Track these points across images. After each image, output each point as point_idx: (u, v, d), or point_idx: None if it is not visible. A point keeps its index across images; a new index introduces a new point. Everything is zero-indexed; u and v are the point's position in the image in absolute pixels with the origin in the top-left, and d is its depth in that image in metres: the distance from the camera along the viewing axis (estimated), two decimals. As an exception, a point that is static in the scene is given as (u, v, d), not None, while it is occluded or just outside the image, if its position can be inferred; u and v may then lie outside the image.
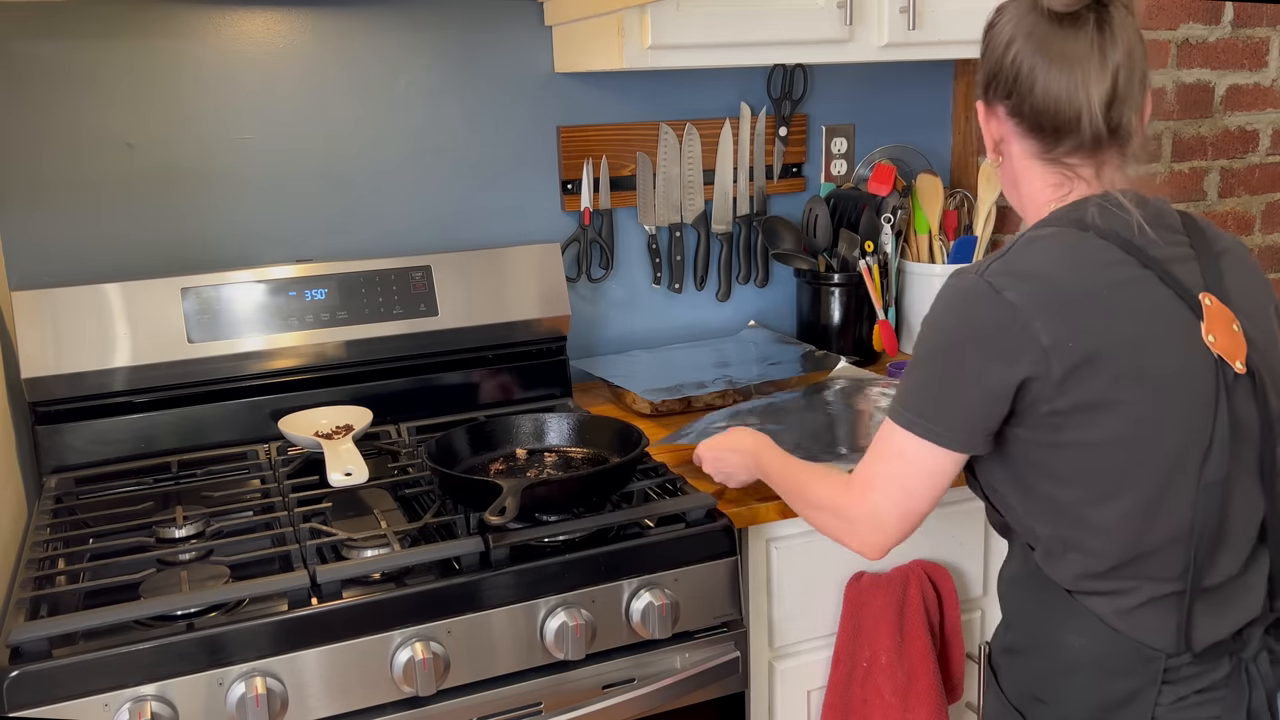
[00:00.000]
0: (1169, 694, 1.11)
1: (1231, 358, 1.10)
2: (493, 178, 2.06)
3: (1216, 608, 1.13)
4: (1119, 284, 1.09)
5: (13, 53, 1.73)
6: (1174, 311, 1.10)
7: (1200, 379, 1.09)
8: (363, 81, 1.94)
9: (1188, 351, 1.09)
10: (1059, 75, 1.10)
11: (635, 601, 1.42)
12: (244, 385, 1.80)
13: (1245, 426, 1.11)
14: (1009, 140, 1.18)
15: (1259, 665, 1.14)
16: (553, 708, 1.39)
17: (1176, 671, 1.12)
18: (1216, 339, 1.10)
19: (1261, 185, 2.26)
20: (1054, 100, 1.11)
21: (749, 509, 1.54)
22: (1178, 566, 1.11)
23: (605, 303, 2.19)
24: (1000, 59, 1.14)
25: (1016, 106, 1.14)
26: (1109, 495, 1.10)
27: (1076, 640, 1.14)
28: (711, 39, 1.78)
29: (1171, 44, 2.08)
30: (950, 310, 1.12)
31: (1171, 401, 1.08)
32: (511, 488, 1.39)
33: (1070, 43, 1.10)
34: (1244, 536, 1.14)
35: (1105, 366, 1.06)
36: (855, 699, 1.61)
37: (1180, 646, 1.11)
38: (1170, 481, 1.09)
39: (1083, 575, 1.13)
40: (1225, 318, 1.11)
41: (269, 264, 1.85)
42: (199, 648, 1.23)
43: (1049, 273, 1.08)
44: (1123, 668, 1.12)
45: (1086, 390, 1.06)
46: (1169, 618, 1.11)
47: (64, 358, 1.68)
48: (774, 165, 2.24)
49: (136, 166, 1.82)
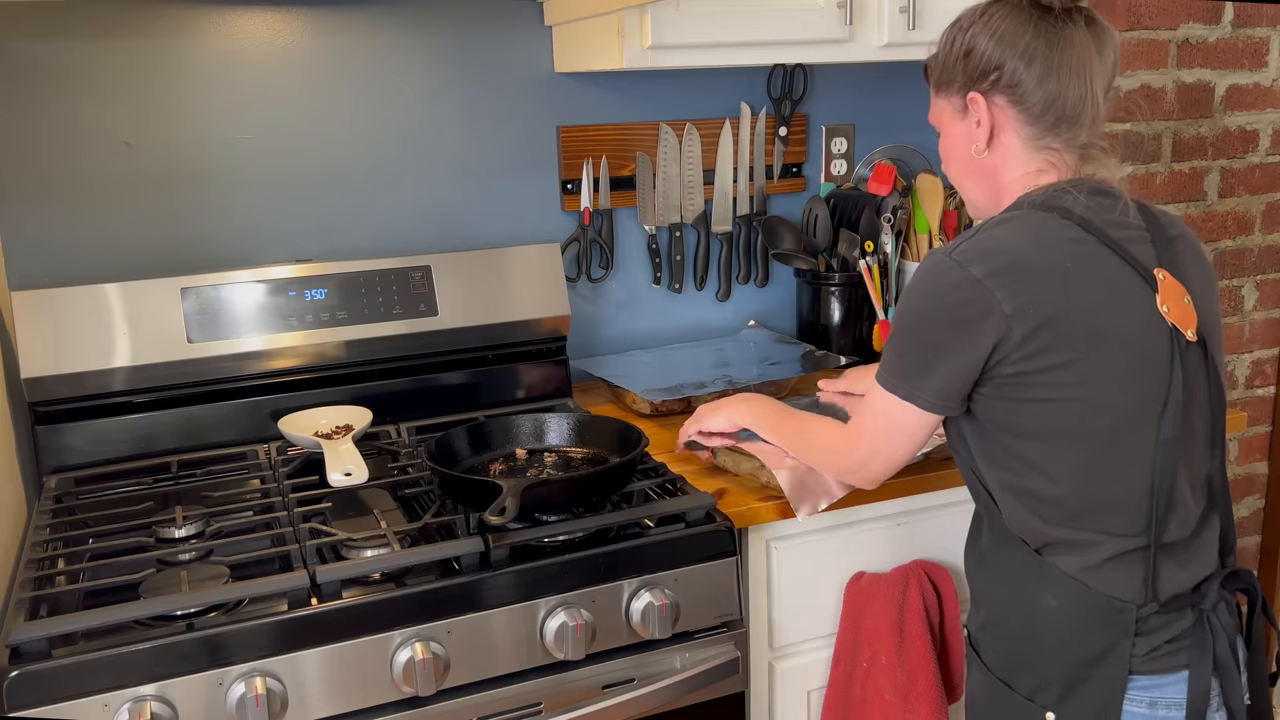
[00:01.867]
0: (1142, 645, 1.19)
1: (1184, 326, 1.19)
2: (493, 177, 2.06)
3: (1176, 561, 1.20)
4: (1078, 257, 1.17)
5: (12, 53, 1.73)
6: (1130, 282, 1.18)
7: (1156, 343, 1.17)
8: (362, 81, 1.94)
9: (1144, 318, 1.18)
10: (1068, 68, 1.19)
11: (635, 601, 1.42)
12: (244, 385, 1.80)
13: (1196, 391, 1.20)
14: (1004, 128, 1.24)
15: (1219, 615, 1.22)
16: (553, 708, 1.39)
17: (1146, 622, 1.19)
18: (1170, 309, 1.18)
19: (1261, 185, 2.26)
20: (1063, 92, 1.20)
21: (749, 509, 1.54)
22: (1140, 522, 1.18)
23: (605, 303, 2.19)
24: (1000, 56, 1.21)
25: (1023, 97, 1.21)
26: (1067, 449, 1.17)
27: (1050, 600, 1.21)
28: (711, 39, 1.78)
29: (1171, 44, 2.08)
30: (923, 286, 1.21)
31: (1129, 362, 1.16)
32: (511, 488, 1.38)
33: (1071, 37, 1.19)
34: (1194, 497, 1.22)
35: (1065, 330, 1.15)
36: (855, 699, 1.61)
37: (1148, 596, 1.18)
38: (1127, 438, 1.17)
39: (1045, 530, 1.20)
40: (1178, 291, 1.20)
41: (269, 264, 1.85)
42: (199, 648, 1.23)
43: (1011, 248, 1.17)
44: (1096, 621, 1.19)
45: (1048, 352, 1.15)
46: (1135, 571, 1.19)
47: (64, 358, 1.68)
48: (774, 165, 2.24)
49: (136, 166, 1.82)
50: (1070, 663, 1.21)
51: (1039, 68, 1.19)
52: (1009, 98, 1.22)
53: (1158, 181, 2.13)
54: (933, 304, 1.20)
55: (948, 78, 1.28)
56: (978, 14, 1.24)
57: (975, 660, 1.33)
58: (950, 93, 1.28)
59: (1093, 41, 1.20)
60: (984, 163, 1.27)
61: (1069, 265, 1.16)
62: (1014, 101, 1.22)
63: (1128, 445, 1.17)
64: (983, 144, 1.26)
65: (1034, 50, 1.19)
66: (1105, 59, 1.21)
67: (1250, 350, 2.36)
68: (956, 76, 1.26)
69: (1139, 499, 1.18)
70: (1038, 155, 1.24)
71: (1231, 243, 2.26)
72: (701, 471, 1.66)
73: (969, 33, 1.24)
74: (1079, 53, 1.19)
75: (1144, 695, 1.20)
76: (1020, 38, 1.20)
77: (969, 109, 1.26)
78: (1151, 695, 1.20)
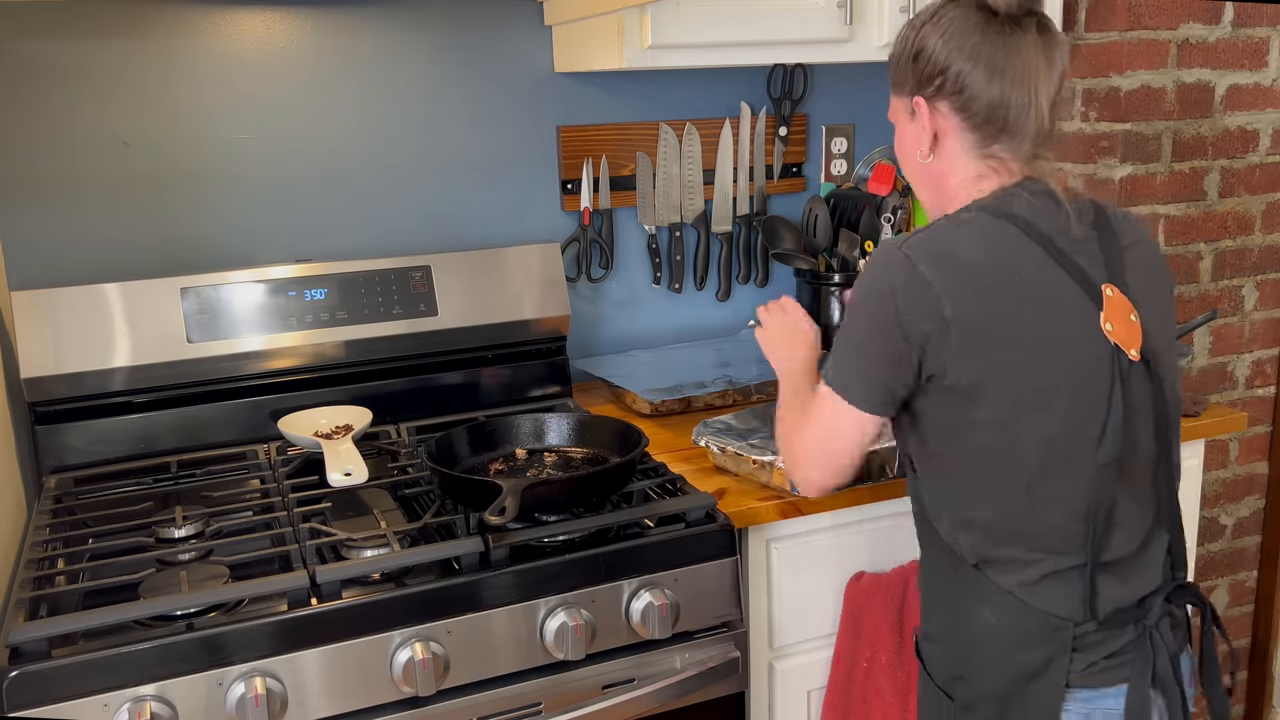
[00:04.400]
0: (1080, 661, 1.18)
1: (1127, 345, 1.17)
2: (492, 177, 2.06)
3: (1119, 578, 1.20)
4: (1026, 271, 1.15)
5: (10, 53, 1.73)
6: (1075, 300, 1.16)
7: (1096, 366, 1.16)
8: (362, 81, 1.94)
9: (1086, 340, 1.16)
10: (1013, 75, 1.17)
11: (635, 601, 1.42)
12: (244, 385, 1.80)
13: (1139, 411, 1.18)
14: (948, 135, 1.22)
15: (1161, 632, 1.20)
16: (553, 708, 1.39)
17: (1084, 639, 1.18)
18: (1114, 327, 1.17)
19: (1261, 185, 2.26)
20: (1006, 100, 1.17)
21: (749, 509, 1.54)
22: (1077, 542, 1.17)
23: (605, 303, 2.19)
24: (946, 60, 1.18)
25: (966, 103, 1.19)
26: (1000, 473, 1.17)
27: (988, 615, 1.20)
28: (711, 39, 1.77)
29: (1171, 44, 2.08)
30: (871, 276, 1.19)
31: (1066, 387, 1.15)
32: (511, 488, 1.38)
33: (1019, 45, 1.16)
34: (1139, 514, 1.21)
35: (1004, 348, 1.14)
36: (855, 699, 1.61)
37: (1085, 615, 1.18)
38: (1060, 464, 1.15)
39: (981, 548, 1.20)
40: (1124, 308, 1.18)
41: (268, 264, 1.85)
42: (199, 648, 1.23)
43: (962, 254, 1.15)
44: (1033, 638, 1.18)
45: (985, 368, 1.14)
46: (1073, 589, 1.18)
47: (63, 358, 1.68)
48: (774, 165, 2.24)
49: (135, 166, 1.82)
50: (1007, 678, 1.20)
51: (983, 73, 1.17)
52: (952, 104, 1.20)
53: (1158, 181, 2.13)
54: (878, 295, 1.17)
55: (900, 78, 1.26)
56: (930, 12, 1.22)
57: (921, 668, 1.33)
58: (902, 93, 1.26)
59: (1042, 51, 1.18)
60: (930, 167, 1.26)
61: (1016, 279, 1.15)
62: (957, 109, 1.20)
63: (1062, 471, 1.16)
64: (925, 149, 1.25)
65: (979, 54, 1.17)
66: (1054, 68, 1.19)
67: (1250, 350, 2.35)
68: (907, 77, 1.24)
69: (1074, 522, 1.17)
70: (984, 161, 1.22)
71: (1231, 243, 2.26)
72: (701, 471, 1.66)
73: (920, 32, 1.22)
74: (1026, 60, 1.17)
75: (1081, 708, 1.19)
76: (967, 40, 1.17)
77: (916, 112, 1.24)
78: (1088, 708, 1.19)
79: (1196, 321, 1.80)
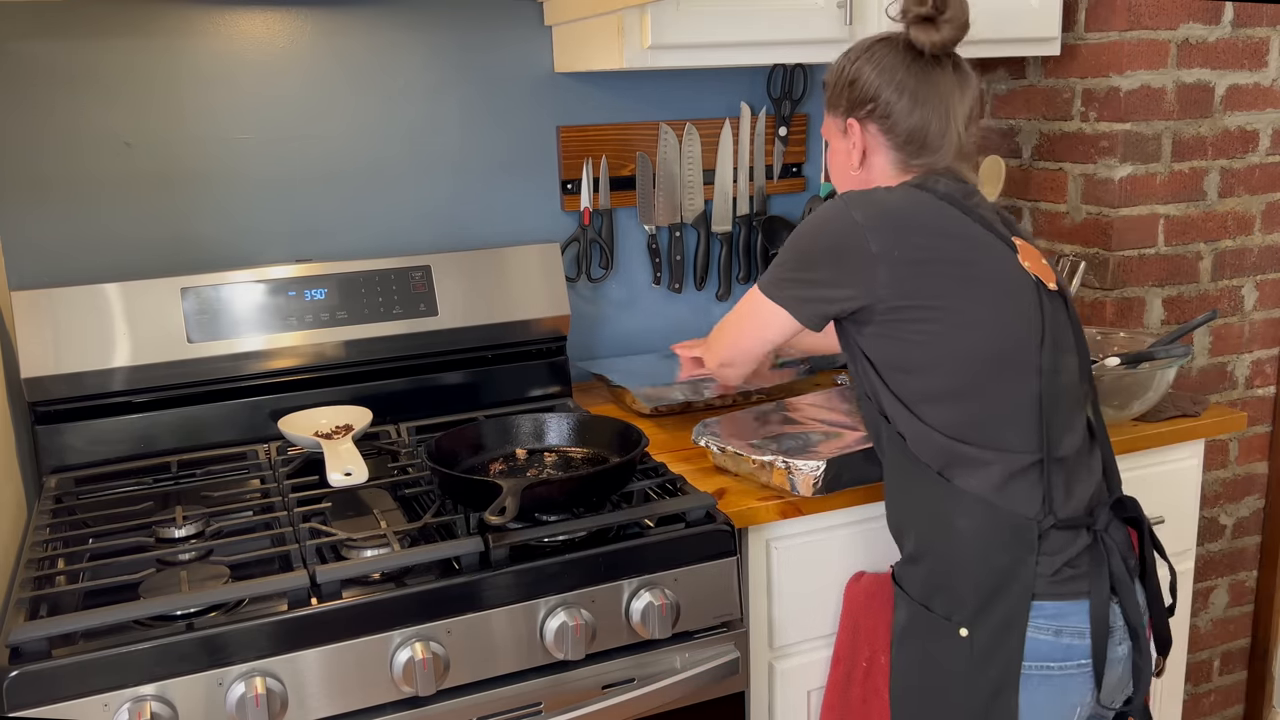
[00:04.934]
0: (1045, 564, 1.31)
1: (1045, 279, 1.37)
2: (492, 177, 2.06)
3: (1069, 482, 1.35)
4: (945, 217, 1.34)
5: (12, 53, 1.73)
6: (990, 240, 1.35)
7: (1024, 289, 1.34)
8: (362, 81, 1.94)
9: (1009, 266, 1.34)
10: (932, 105, 1.38)
11: (635, 601, 1.42)
12: (244, 385, 1.80)
13: (1061, 336, 1.37)
14: (876, 152, 1.43)
15: (1111, 535, 1.35)
16: (553, 708, 1.39)
17: (1047, 539, 1.32)
18: (1031, 265, 1.36)
19: (1261, 185, 2.26)
20: (926, 125, 1.38)
21: (749, 509, 1.54)
22: (1033, 440, 1.32)
23: (605, 303, 2.19)
24: (876, 89, 1.39)
25: (892, 126, 1.40)
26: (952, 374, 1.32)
27: (961, 521, 1.34)
28: (711, 39, 1.78)
29: (1171, 44, 2.08)
30: (813, 219, 1.40)
31: (1000, 297, 1.32)
32: (511, 488, 1.38)
33: (938, 79, 1.38)
34: (1078, 426, 1.37)
35: (934, 271, 1.31)
36: (855, 699, 1.61)
37: (1045, 511, 1.32)
38: (1009, 364, 1.32)
39: (948, 450, 1.33)
40: (1034, 253, 1.39)
41: (269, 264, 1.85)
42: (199, 648, 1.23)
43: (889, 204, 1.35)
44: (1003, 539, 1.32)
45: (920, 291, 1.31)
46: (1033, 490, 1.32)
47: (63, 358, 1.68)
48: (774, 165, 2.24)
49: (136, 166, 1.82)
50: (982, 581, 1.32)
51: (907, 101, 1.38)
52: (880, 126, 1.40)
53: (1157, 181, 2.13)
54: (815, 233, 1.38)
55: (835, 100, 1.45)
56: (864, 48, 1.42)
57: (900, 595, 1.44)
58: (836, 114, 1.46)
59: (957, 85, 1.39)
60: (858, 177, 1.46)
61: (937, 222, 1.33)
62: (884, 130, 1.40)
63: (1011, 370, 1.32)
64: (856, 163, 1.45)
65: (905, 86, 1.38)
66: (966, 99, 1.40)
67: (1250, 350, 2.36)
68: (842, 101, 1.44)
69: (1028, 420, 1.32)
70: (909, 173, 1.42)
71: (1231, 243, 2.26)
72: (701, 471, 1.66)
73: (856, 64, 1.42)
74: (943, 92, 1.38)
75: (1050, 624, 1.31)
76: (895, 74, 1.38)
77: (848, 131, 1.44)
78: (1057, 624, 1.31)
79: (1196, 321, 1.81)
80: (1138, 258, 2.16)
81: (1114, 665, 1.34)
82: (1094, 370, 1.77)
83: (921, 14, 1.36)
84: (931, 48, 1.37)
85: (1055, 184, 2.23)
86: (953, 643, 1.35)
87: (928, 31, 1.36)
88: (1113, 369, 1.75)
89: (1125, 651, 1.36)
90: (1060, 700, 1.33)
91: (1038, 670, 1.31)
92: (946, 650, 1.36)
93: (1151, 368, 1.75)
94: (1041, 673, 1.32)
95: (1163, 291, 2.21)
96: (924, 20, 1.36)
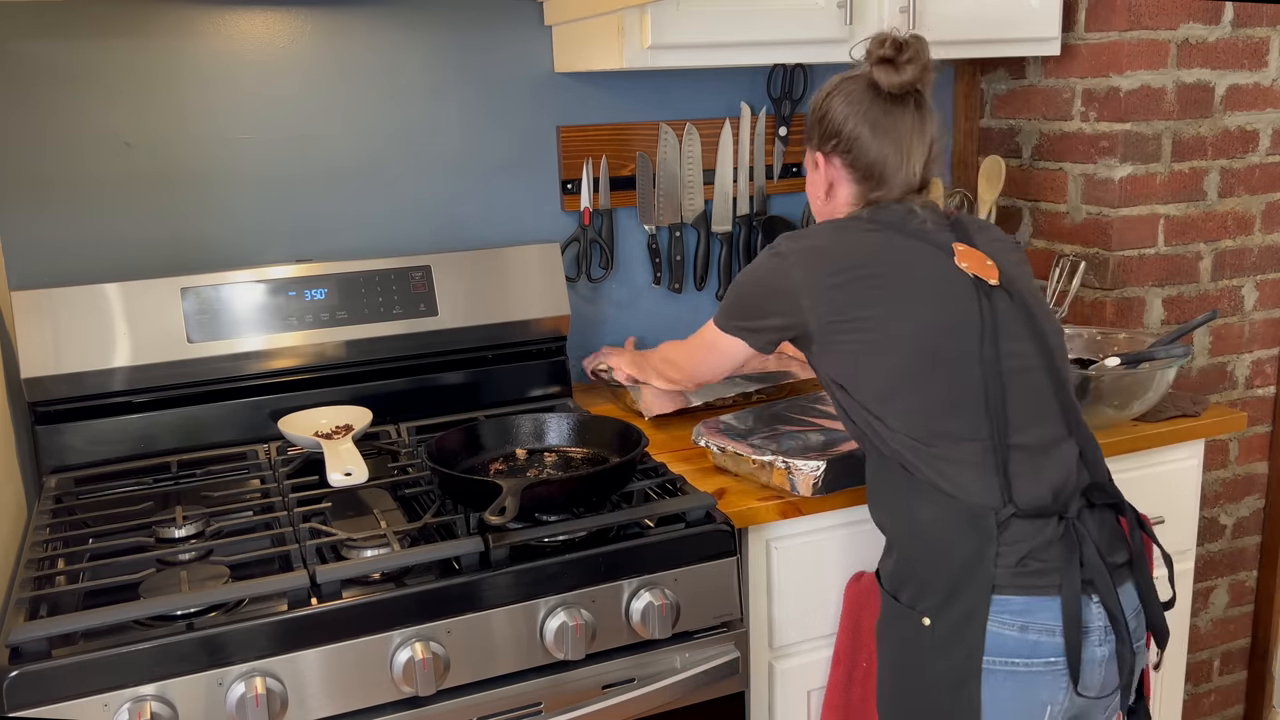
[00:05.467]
0: (1008, 554, 1.31)
1: (986, 276, 1.39)
2: (492, 177, 2.06)
3: (1030, 468, 1.34)
4: (873, 242, 1.41)
5: (12, 53, 1.73)
6: (924, 250, 1.40)
7: (955, 286, 1.38)
8: (363, 81, 1.94)
9: (937, 269, 1.39)
10: (891, 142, 1.43)
11: (635, 601, 1.42)
12: (244, 385, 1.80)
13: (1011, 324, 1.38)
14: (839, 184, 1.49)
15: (1084, 521, 1.34)
16: (553, 708, 1.39)
17: (1008, 528, 1.31)
18: (969, 265, 1.39)
19: (1261, 185, 2.26)
20: (884, 160, 1.44)
21: (749, 509, 1.54)
22: (983, 430, 1.34)
23: (605, 303, 2.19)
24: (841, 125, 1.45)
25: (853, 161, 1.46)
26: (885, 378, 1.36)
27: (925, 512, 1.36)
28: (711, 39, 1.78)
29: (1171, 44, 2.08)
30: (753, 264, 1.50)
31: (928, 294, 1.37)
32: (511, 488, 1.38)
33: (899, 118, 1.43)
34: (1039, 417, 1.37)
35: (856, 289, 1.38)
36: (855, 699, 1.61)
37: (1003, 500, 1.32)
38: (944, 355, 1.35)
39: (905, 450, 1.36)
40: (976, 255, 1.41)
41: (269, 264, 1.85)
42: (199, 648, 1.23)
43: (813, 236, 1.45)
44: (962, 529, 1.32)
45: (842, 308, 1.38)
46: (990, 478, 1.33)
47: (64, 358, 1.68)
48: (774, 165, 2.24)
49: (136, 166, 1.83)
50: (943, 571, 1.33)
51: (867, 140, 1.44)
52: (843, 160, 1.47)
53: (1157, 181, 2.13)
54: (751, 274, 1.49)
55: (810, 134, 1.52)
56: (837, 85, 1.48)
57: (880, 589, 1.45)
58: (810, 145, 1.53)
59: (918, 125, 1.44)
60: (826, 207, 1.53)
61: (861, 246, 1.41)
62: (846, 165, 1.47)
63: (947, 363, 1.35)
64: (822, 194, 1.51)
65: (868, 120, 1.43)
66: (925, 138, 1.45)
67: (1250, 350, 2.35)
68: (814, 134, 1.50)
69: (974, 407, 1.34)
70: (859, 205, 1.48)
71: (1231, 243, 2.26)
72: (701, 471, 1.66)
73: (828, 99, 1.48)
74: (902, 130, 1.43)
75: (1016, 619, 1.30)
76: (859, 109, 1.44)
77: (818, 164, 1.51)
78: (1023, 619, 1.30)
79: (1196, 321, 1.81)
80: (1138, 258, 2.16)
81: (1092, 665, 1.31)
82: (1094, 370, 1.77)
83: (882, 55, 1.42)
84: (892, 88, 1.42)
85: (1055, 184, 2.23)
86: (916, 632, 1.35)
87: (889, 73, 1.41)
88: (1113, 369, 1.75)
89: (1105, 654, 1.32)
90: (1027, 698, 1.31)
91: (1002, 666, 1.30)
92: (912, 640, 1.37)
93: (1151, 368, 1.75)
94: (1006, 668, 1.30)
95: (1163, 291, 2.21)
96: (885, 61, 1.42)
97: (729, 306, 1.52)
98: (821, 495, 1.55)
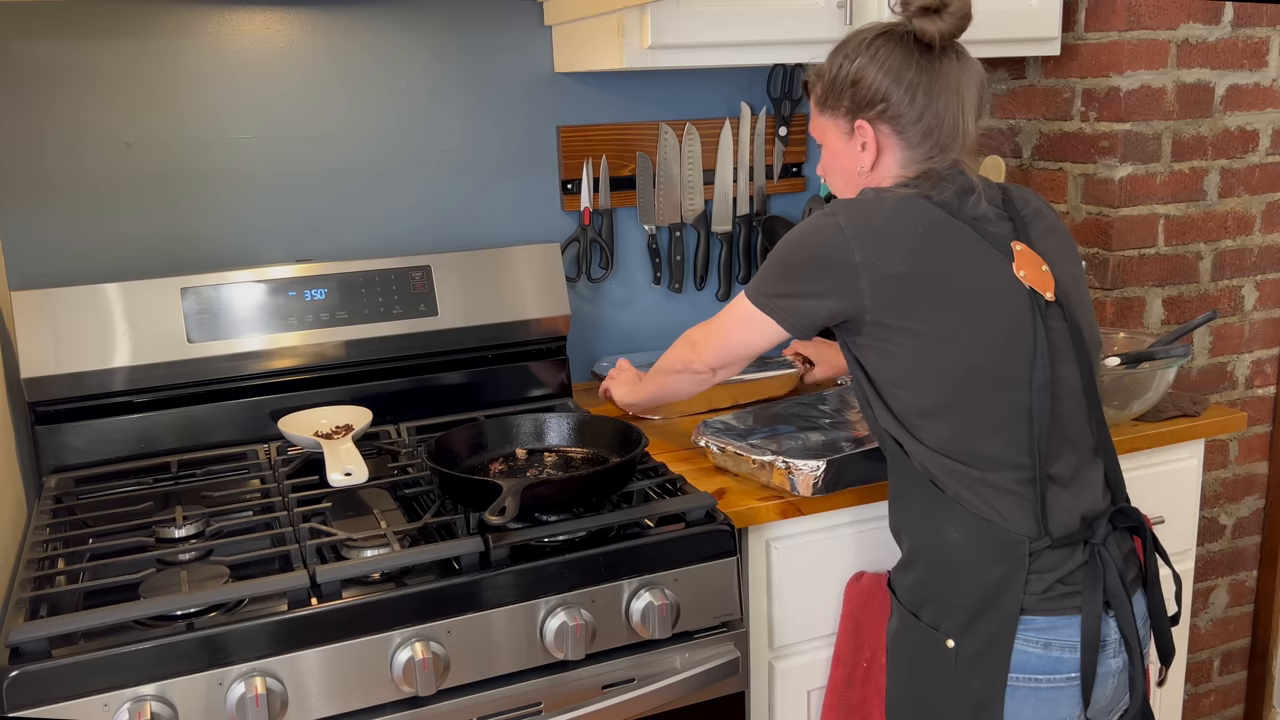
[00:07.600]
0: (1036, 582, 1.29)
1: (1042, 289, 1.32)
2: (492, 177, 2.06)
3: (1065, 498, 1.32)
4: (933, 228, 1.32)
5: (12, 53, 1.73)
6: (984, 251, 1.32)
7: (1013, 301, 1.31)
8: (362, 81, 1.94)
9: (1000, 279, 1.31)
10: (945, 99, 1.35)
11: (635, 601, 1.42)
12: (244, 385, 1.80)
13: (1060, 346, 1.33)
14: (887, 153, 1.39)
15: (1109, 548, 1.32)
16: (553, 708, 1.39)
17: (1039, 558, 1.29)
18: (1027, 274, 1.32)
19: (1261, 185, 2.26)
20: (941, 120, 1.35)
21: (749, 509, 1.54)
22: (1025, 458, 1.30)
23: (605, 303, 2.19)
24: (883, 88, 1.35)
25: (904, 127, 1.36)
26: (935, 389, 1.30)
27: (954, 534, 1.32)
28: (711, 39, 1.78)
29: (1171, 44, 2.08)
30: (800, 228, 1.39)
31: (984, 313, 1.30)
32: (511, 488, 1.38)
33: (945, 72, 1.34)
34: (1076, 441, 1.34)
35: (911, 286, 1.30)
36: (855, 699, 1.61)
37: (1040, 531, 1.29)
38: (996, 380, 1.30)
39: (943, 469, 1.32)
40: (1034, 260, 1.34)
41: (269, 264, 1.85)
42: (199, 648, 1.23)
43: (875, 213, 1.34)
44: (993, 555, 1.30)
45: (899, 306, 1.30)
46: (1026, 506, 1.30)
47: (64, 358, 1.68)
48: (774, 165, 2.24)
49: (136, 166, 1.83)
50: (970, 594, 1.31)
51: (921, 101, 1.34)
52: (893, 127, 1.37)
53: (1157, 181, 2.13)
54: (802, 241, 1.37)
55: (834, 101, 1.41)
56: (864, 45, 1.37)
57: (894, 602, 1.43)
58: (837, 115, 1.41)
59: (963, 75, 1.35)
60: (867, 180, 1.42)
61: (920, 231, 1.31)
62: (897, 131, 1.37)
63: (993, 384, 1.30)
64: (868, 166, 1.40)
65: (917, 85, 1.34)
66: (973, 88, 1.37)
67: (1250, 350, 2.36)
68: (844, 101, 1.39)
69: (1019, 432, 1.30)
70: (918, 168, 1.38)
71: (1231, 243, 2.26)
72: (701, 471, 1.66)
73: (856, 62, 1.37)
74: (954, 87, 1.35)
75: (1039, 636, 1.29)
76: (905, 73, 1.34)
77: (855, 133, 1.40)
78: (1047, 637, 1.29)
79: (1196, 321, 1.81)
80: (1138, 258, 2.16)
81: (1104, 679, 1.32)
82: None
83: (925, 5, 1.33)
84: (936, 38, 1.33)
85: (1055, 184, 2.23)
86: (939, 653, 1.33)
87: (932, 21, 1.32)
88: (1113, 369, 1.75)
89: (1119, 665, 1.33)
90: (1047, 713, 1.31)
91: (1025, 683, 1.30)
92: (933, 660, 1.34)
93: (1151, 368, 1.75)
94: (1029, 685, 1.30)
95: (1163, 291, 2.21)
96: (927, 11, 1.33)
97: (772, 276, 1.40)
98: (821, 495, 1.55)
